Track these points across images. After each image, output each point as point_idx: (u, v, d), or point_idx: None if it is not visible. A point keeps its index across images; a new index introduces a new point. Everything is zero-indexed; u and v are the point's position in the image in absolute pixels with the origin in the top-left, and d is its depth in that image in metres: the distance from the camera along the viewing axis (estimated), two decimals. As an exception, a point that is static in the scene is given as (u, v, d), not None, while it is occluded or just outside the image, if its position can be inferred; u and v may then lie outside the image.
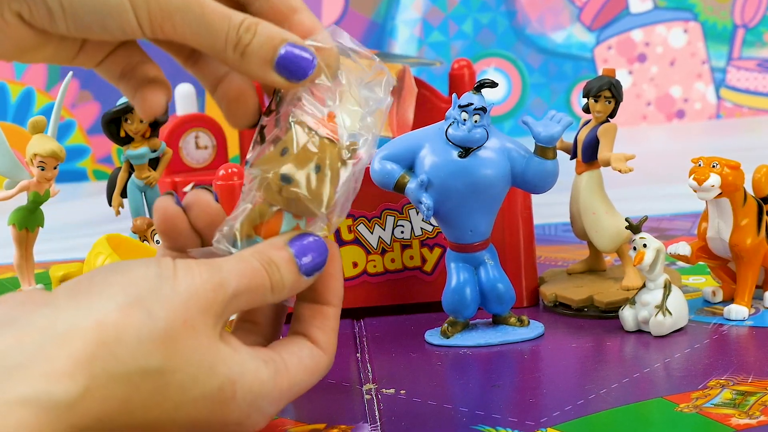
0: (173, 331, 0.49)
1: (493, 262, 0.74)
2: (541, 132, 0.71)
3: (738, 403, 0.60)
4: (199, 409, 0.50)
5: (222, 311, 0.51)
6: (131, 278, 0.49)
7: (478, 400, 0.63)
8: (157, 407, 0.49)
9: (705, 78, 1.86)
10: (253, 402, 0.52)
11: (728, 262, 0.78)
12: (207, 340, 0.50)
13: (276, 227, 0.55)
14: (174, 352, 0.49)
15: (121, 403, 0.47)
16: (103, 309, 0.47)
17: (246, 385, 0.52)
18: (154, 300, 0.49)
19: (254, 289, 0.53)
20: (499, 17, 1.84)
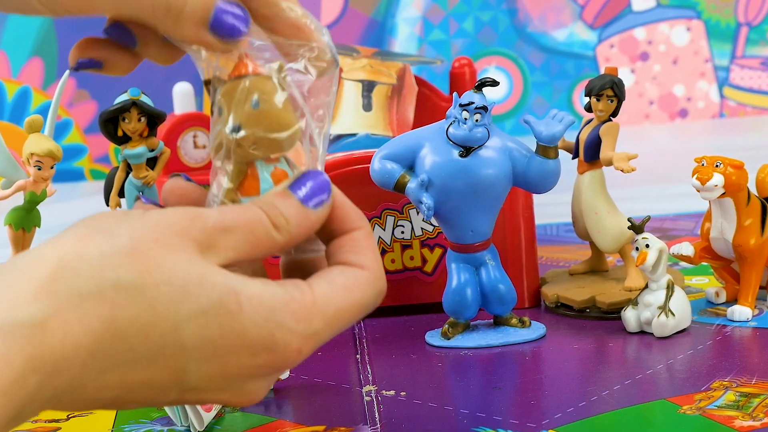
0: (142, 246, 0.45)
1: (495, 262, 0.74)
2: (543, 131, 0.71)
3: (742, 405, 0.60)
4: (203, 327, 0.46)
5: (207, 242, 0.47)
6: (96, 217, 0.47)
7: (479, 402, 0.63)
8: (154, 328, 0.45)
9: (708, 76, 1.86)
10: (269, 317, 0.47)
11: (732, 262, 0.78)
12: (189, 255, 0.46)
13: (255, 181, 0.52)
14: (148, 265, 0.45)
15: (104, 323, 0.44)
16: (61, 240, 0.45)
17: (254, 297, 0.47)
18: (118, 226, 0.46)
19: (250, 226, 0.48)
20: (500, 15, 1.84)
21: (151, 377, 0.46)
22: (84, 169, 1.86)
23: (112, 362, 0.44)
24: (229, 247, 0.48)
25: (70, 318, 0.43)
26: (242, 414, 0.64)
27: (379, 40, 1.84)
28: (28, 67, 1.84)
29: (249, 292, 0.47)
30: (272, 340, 0.47)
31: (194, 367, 0.46)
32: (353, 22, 1.83)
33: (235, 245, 0.48)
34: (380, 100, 1.00)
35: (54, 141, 0.84)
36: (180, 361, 0.46)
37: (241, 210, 0.49)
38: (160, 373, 0.46)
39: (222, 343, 0.46)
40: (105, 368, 0.44)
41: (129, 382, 0.45)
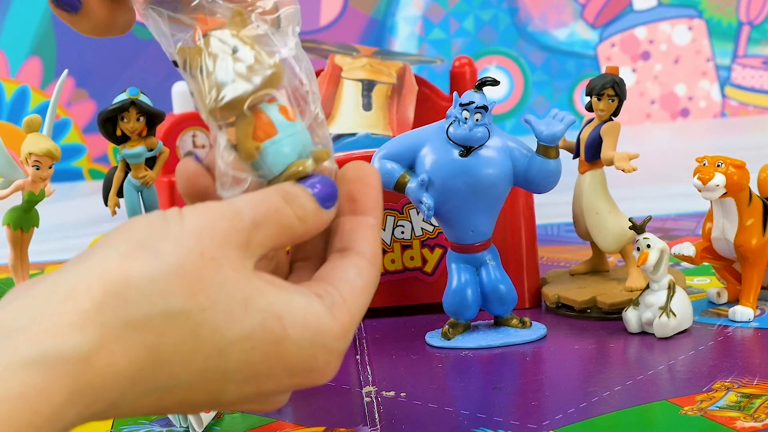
0: (189, 265, 0.44)
1: (495, 262, 0.74)
2: (544, 131, 0.71)
3: (743, 405, 0.60)
4: (247, 352, 0.45)
5: (245, 242, 0.47)
6: (133, 227, 0.46)
7: (479, 403, 0.63)
8: (197, 355, 0.44)
9: (710, 76, 1.86)
10: (315, 339, 0.47)
11: (733, 262, 0.78)
12: (234, 273, 0.46)
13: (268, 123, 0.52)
14: (196, 288, 0.44)
15: (149, 351, 0.43)
16: (105, 259, 0.44)
17: (298, 320, 0.47)
18: (161, 240, 0.45)
19: (277, 217, 0.49)
20: (500, 14, 1.84)
21: (187, 399, 0.46)
22: (82, 169, 1.86)
23: (151, 387, 0.44)
24: (260, 242, 0.48)
25: (115, 349, 0.42)
26: (241, 415, 0.64)
27: (379, 39, 1.84)
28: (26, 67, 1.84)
29: (293, 315, 0.47)
30: (314, 362, 0.48)
31: (232, 389, 0.47)
32: (353, 21, 1.83)
33: (264, 240, 0.48)
34: (380, 99, 1.00)
35: (52, 140, 0.84)
36: (219, 384, 0.46)
37: (267, 201, 0.49)
38: (198, 395, 0.46)
39: (263, 367, 0.47)
40: (143, 393, 0.44)
41: (164, 404, 0.45)
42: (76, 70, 1.75)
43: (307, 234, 0.50)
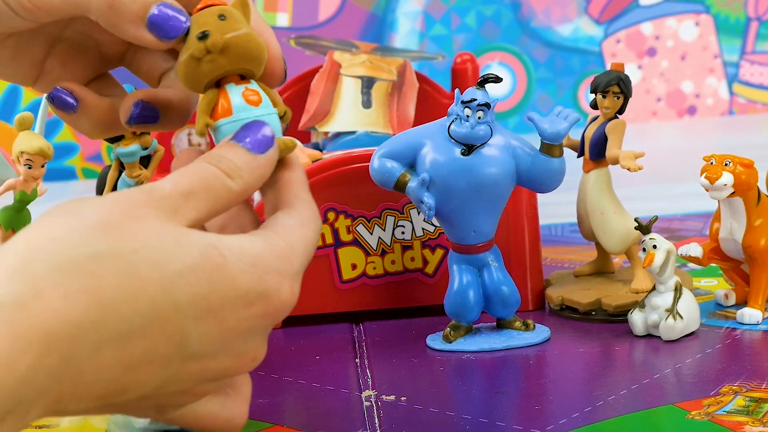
0: (110, 219, 0.46)
1: (498, 263, 0.74)
2: (547, 129, 0.71)
3: (751, 410, 0.60)
4: (193, 284, 0.46)
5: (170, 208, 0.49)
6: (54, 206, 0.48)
7: (481, 407, 0.63)
8: (142, 293, 0.45)
9: (717, 73, 1.86)
10: (256, 262, 0.49)
11: (741, 263, 0.78)
12: (159, 221, 0.47)
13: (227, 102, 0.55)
14: (121, 234, 0.46)
15: (89, 295, 0.44)
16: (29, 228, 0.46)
17: (234, 247, 0.49)
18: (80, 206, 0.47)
19: (206, 183, 0.50)
20: (503, 9, 1.84)
21: (149, 347, 0.46)
22: (76, 168, 1.86)
23: (105, 336, 0.44)
24: (191, 208, 0.49)
25: (51, 295, 0.43)
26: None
27: (379, 35, 1.84)
28: (18, 63, 1.84)
29: (227, 243, 0.48)
30: (264, 286, 0.49)
31: (192, 327, 0.47)
32: (352, 16, 1.83)
33: (196, 205, 0.50)
34: (380, 96, 1.00)
35: (45, 139, 0.84)
36: (177, 323, 0.46)
37: (192, 170, 0.51)
38: (159, 339, 0.46)
39: (215, 297, 0.47)
40: (99, 343, 0.44)
41: (127, 357, 0.45)
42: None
43: (249, 186, 0.52)
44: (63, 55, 0.60)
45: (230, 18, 0.54)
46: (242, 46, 0.54)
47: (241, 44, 0.54)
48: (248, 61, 0.55)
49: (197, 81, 0.55)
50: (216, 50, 0.54)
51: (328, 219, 0.80)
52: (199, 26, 0.54)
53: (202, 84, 0.55)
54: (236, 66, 0.55)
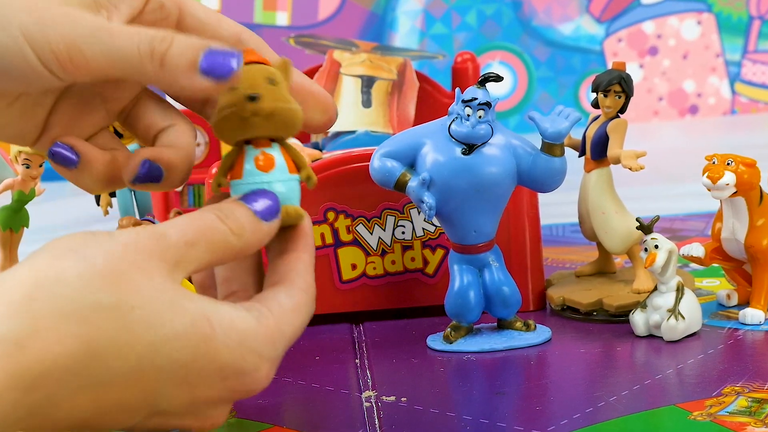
0: (117, 268, 0.48)
1: (498, 264, 0.74)
2: (549, 128, 0.71)
3: (754, 411, 0.60)
4: (178, 350, 0.48)
5: (173, 259, 0.50)
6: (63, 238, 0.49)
7: (482, 408, 0.63)
8: (131, 350, 0.47)
9: (719, 72, 1.86)
10: (242, 341, 0.51)
11: (743, 263, 0.78)
12: (162, 279, 0.49)
13: (240, 165, 0.56)
14: (125, 288, 0.47)
15: (83, 343, 0.46)
16: (36, 260, 0.47)
17: (225, 321, 0.50)
18: (89, 247, 0.48)
19: (210, 235, 0.52)
20: (504, 8, 1.84)
21: (124, 398, 0.48)
22: (74, 168, 1.86)
23: (87, 381, 0.46)
24: (192, 259, 0.51)
25: (49, 336, 0.45)
26: (237, 421, 0.64)
27: (379, 34, 1.84)
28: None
29: (220, 316, 0.50)
30: (243, 364, 0.51)
31: (167, 390, 0.49)
32: (352, 15, 1.83)
33: (197, 256, 0.52)
34: (380, 96, 1.00)
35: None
36: (154, 383, 0.48)
37: (198, 220, 0.53)
38: (134, 394, 0.48)
39: (194, 366, 0.49)
40: (79, 387, 0.46)
41: (102, 403, 0.47)
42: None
43: (248, 246, 0.54)
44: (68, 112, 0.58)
45: (279, 84, 0.56)
46: (286, 116, 0.56)
47: (285, 115, 0.56)
48: (285, 130, 0.57)
49: (232, 136, 0.57)
50: (262, 115, 0.55)
51: (327, 219, 0.80)
52: (248, 85, 0.55)
53: (235, 140, 0.57)
54: (273, 133, 0.57)
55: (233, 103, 0.55)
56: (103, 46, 0.51)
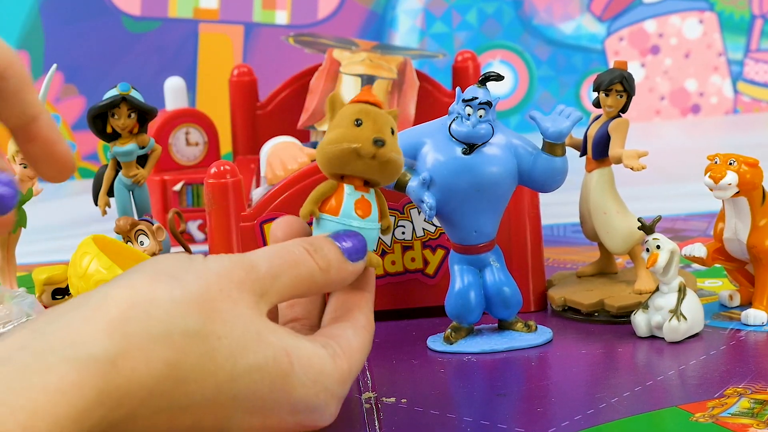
0: (209, 296, 0.50)
1: (499, 264, 0.74)
2: (550, 127, 0.71)
3: (756, 412, 0.60)
4: (257, 382, 0.51)
5: (261, 290, 0.53)
6: (161, 260, 0.52)
7: (482, 409, 0.63)
8: (211, 377, 0.49)
9: (721, 71, 1.86)
10: (318, 379, 0.53)
11: (746, 264, 0.78)
12: (249, 311, 0.51)
13: (339, 202, 0.59)
14: (214, 316, 0.50)
15: (169, 367, 0.48)
16: (133, 279, 0.49)
17: (304, 359, 0.53)
18: (185, 271, 0.51)
19: (297, 268, 0.55)
20: (504, 7, 1.84)
21: (198, 422, 0.50)
22: (71, 168, 1.86)
23: (167, 404, 0.48)
24: (277, 291, 0.54)
25: (138, 357, 0.47)
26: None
27: (379, 32, 1.84)
28: (13, 61, 1.84)
29: (299, 353, 0.53)
30: (315, 401, 0.53)
31: (239, 417, 0.51)
32: (352, 14, 1.83)
33: (282, 289, 0.54)
34: (380, 95, 1.00)
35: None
36: (229, 410, 0.51)
37: (288, 254, 0.55)
38: (208, 419, 0.50)
39: (270, 399, 0.52)
40: (159, 408, 0.48)
41: (176, 425, 0.49)
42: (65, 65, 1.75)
43: (331, 284, 0.57)
44: None
45: (395, 135, 0.59)
46: (396, 168, 0.59)
47: (396, 166, 0.59)
48: (389, 179, 0.60)
49: (338, 169, 0.59)
50: (380, 160, 0.58)
51: (327, 219, 0.80)
52: (377, 129, 0.58)
53: (337, 172, 0.59)
54: (377, 178, 0.59)
55: (357, 138, 0.57)
56: None
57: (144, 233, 0.82)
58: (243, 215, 0.79)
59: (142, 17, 1.64)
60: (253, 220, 0.79)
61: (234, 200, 0.78)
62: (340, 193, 0.59)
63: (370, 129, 0.58)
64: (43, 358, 0.45)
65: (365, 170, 0.58)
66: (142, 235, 0.82)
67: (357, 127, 0.58)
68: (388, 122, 0.59)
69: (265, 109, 1.14)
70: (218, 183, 0.78)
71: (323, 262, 0.56)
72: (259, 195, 0.88)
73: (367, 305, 0.60)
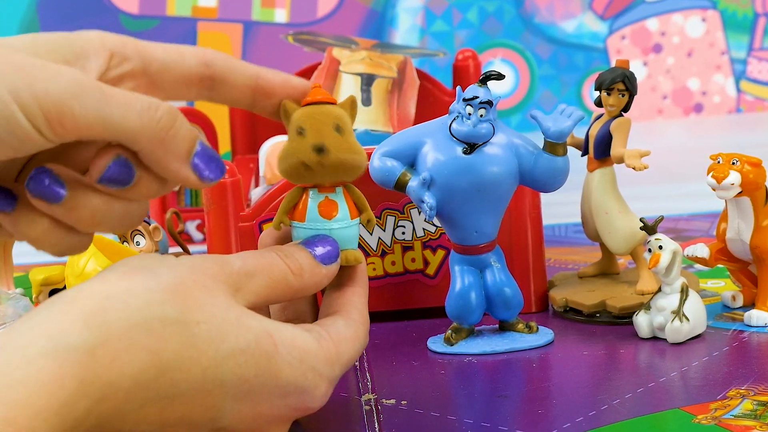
0: (183, 286, 0.50)
1: (500, 264, 0.74)
2: (551, 127, 0.71)
3: (759, 414, 0.60)
4: (241, 365, 0.50)
5: (235, 284, 0.53)
6: (133, 257, 0.52)
7: (483, 411, 0.63)
8: (196, 364, 0.49)
9: (724, 70, 1.86)
10: (303, 359, 0.53)
11: (749, 264, 0.78)
12: (225, 299, 0.51)
13: (303, 208, 0.59)
14: (189, 304, 0.50)
15: (151, 354, 0.48)
16: (106, 275, 0.50)
17: (287, 339, 0.53)
18: (158, 266, 0.51)
19: (269, 270, 0.55)
20: (505, 5, 1.84)
21: (188, 413, 0.50)
22: (69, 167, 1.86)
23: (154, 394, 0.48)
24: (251, 290, 0.54)
25: (118, 347, 0.47)
26: None
27: (379, 31, 1.84)
28: (10, 60, 1.84)
29: (282, 334, 0.53)
30: (304, 382, 0.53)
31: (229, 405, 0.51)
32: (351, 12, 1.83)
33: (256, 289, 0.54)
34: (380, 94, 1.00)
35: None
36: (217, 398, 0.50)
37: (261, 256, 0.55)
38: (198, 409, 0.50)
39: (257, 382, 0.51)
40: (147, 400, 0.48)
41: (167, 417, 0.49)
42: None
43: (306, 288, 0.57)
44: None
45: (345, 131, 0.58)
46: (350, 167, 0.58)
47: (350, 165, 0.58)
48: (349, 176, 0.59)
49: (296, 182, 0.59)
50: (327, 166, 0.57)
51: (326, 219, 0.80)
52: (315, 134, 0.57)
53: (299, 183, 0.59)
54: (337, 180, 0.59)
55: (299, 150, 0.57)
56: (97, 107, 0.48)
57: (140, 233, 0.82)
58: (242, 215, 0.79)
59: (140, 15, 1.64)
60: (252, 220, 0.79)
61: (233, 200, 0.78)
62: (305, 199, 0.59)
63: (310, 137, 0.57)
64: (22, 353, 0.45)
65: (319, 177, 0.58)
66: (138, 235, 0.82)
67: (300, 136, 0.57)
68: (328, 122, 0.57)
69: (264, 108, 1.14)
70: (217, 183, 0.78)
71: (295, 266, 0.56)
72: (258, 195, 0.88)
73: (359, 299, 0.60)
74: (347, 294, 0.60)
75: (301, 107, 0.58)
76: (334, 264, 0.58)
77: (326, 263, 0.58)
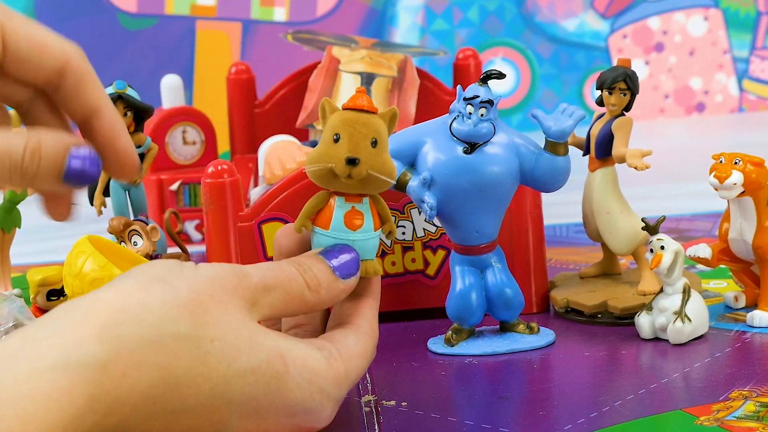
0: (199, 301, 0.50)
1: (501, 265, 0.74)
2: (552, 126, 0.71)
3: (762, 415, 0.60)
4: (251, 384, 0.51)
5: (252, 299, 0.53)
6: (152, 265, 0.52)
7: (484, 413, 0.63)
8: (205, 381, 0.49)
9: (727, 69, 1.86)
10: (313, 380, 0.53)
11: (751, 265, 0.78)
12: (240, 315, 0.52)
13: (329, 215, 0.59)
14: (205, 320, 0.50)
15: (161, 371, 0.48)
16: (124, 284, 0.50)
17: (298, 360, 0.53)
18: (176, 277, 0.51)
19: (287, 285, 0.55)
20: (506, 4, 1.84)
21: (193, 427, 0.50)
22: (67, 167, 1.86)
23: (161, 409, 0.48)
24: (268, 303, 0.54)
25: (129, 362, 0.47)
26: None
27: (379, 30, 1.84)
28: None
29: (293, 354, 0.53)
30: (310, 403, 0.54)
31: (235, 422, 0.51)
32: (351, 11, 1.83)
33: (272, 303, 0.55)
34: (380, 93, 1.00)
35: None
36: (224, 414, 0.51)
37: (279, 269, 0.56)
38: (203, 424, 0.50)
39: (265, 401, 0.52)
40: (153, 414, 0.48)
41: (172, 430, 0.50)
42: (60, 63, 1.75)
43: (322, 303, 0.57)
44: None
45: (380, 145, 0.58)
46: (380, 183, 0.58)
47: (379, 182, 0.58)
48: (375, 191, 0.59)
49: (323, 186, 0.59)
50: (357, 179, 0.57)
51: (326, 219, 0.80)
52: (351, 143, 0.57)
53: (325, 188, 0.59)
54: (363, 192, 0.59)
55: (331, 157, 0.57)
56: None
57: (137, 234, 0.82)
58: (241, 215, 0.79)
59: (138, 14, 1.64)
60: (251, 220, 0.79)
61: (232, 200, 0.78)
62: (330, 206, 0.59)
63: (345, 147, 0.57)
64: (33, 366, 0.45)
65: (346, 188, 0.58)
66: (135, 235, 0.82)
67: (335, 143, 0.57)
68: (367, 134, 0.58)
69: (263, 108, 1.14)
70: (216, 182, 0.78)
71: (313, 281, 0.56)
72: (257, 195, 0.88)
73: (371, 312, 0.60)
74: (360, 304, 0.60)
75: (341, 110, 0.58)
76: (353, 278, 0.58)
77: (345, 277, 0.58)
